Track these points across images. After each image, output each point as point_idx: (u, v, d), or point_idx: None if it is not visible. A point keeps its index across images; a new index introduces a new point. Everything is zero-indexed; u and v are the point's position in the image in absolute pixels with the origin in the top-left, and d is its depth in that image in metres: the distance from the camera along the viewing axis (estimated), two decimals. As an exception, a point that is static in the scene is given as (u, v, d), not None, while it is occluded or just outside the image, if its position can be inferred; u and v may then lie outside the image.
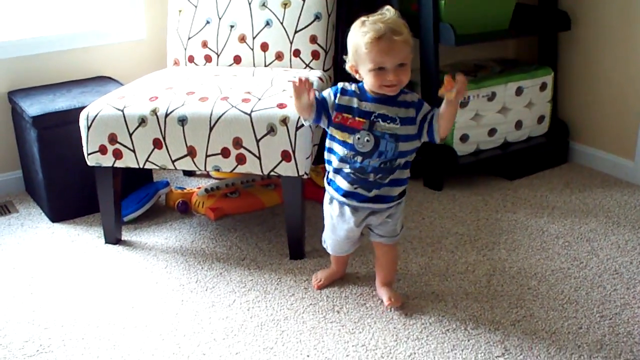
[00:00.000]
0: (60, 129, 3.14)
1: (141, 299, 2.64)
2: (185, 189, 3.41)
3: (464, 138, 3.45)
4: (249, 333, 2.43)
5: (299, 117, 2.62)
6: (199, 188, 3.37)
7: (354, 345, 2.34)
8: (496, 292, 2.61)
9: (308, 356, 2.29)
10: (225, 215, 3.22)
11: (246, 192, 3.29)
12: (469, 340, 2.35)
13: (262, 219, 3.20)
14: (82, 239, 3.10)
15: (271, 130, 2.62)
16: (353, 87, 2.36)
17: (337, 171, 2.42)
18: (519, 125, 3.60)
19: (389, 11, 2.28)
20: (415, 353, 2.29)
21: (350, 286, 2.66)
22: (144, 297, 2.65)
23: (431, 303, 2.56)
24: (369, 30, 2.23)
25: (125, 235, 3.10)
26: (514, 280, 2.68)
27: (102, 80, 3.56)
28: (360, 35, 2.25)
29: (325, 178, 2.51)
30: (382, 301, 2.57)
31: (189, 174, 3.72)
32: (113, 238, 3.03)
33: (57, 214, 3.28)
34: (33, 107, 3.18)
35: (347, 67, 2.34)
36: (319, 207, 3.24)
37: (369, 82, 2.29)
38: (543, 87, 3.61)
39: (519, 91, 3.53)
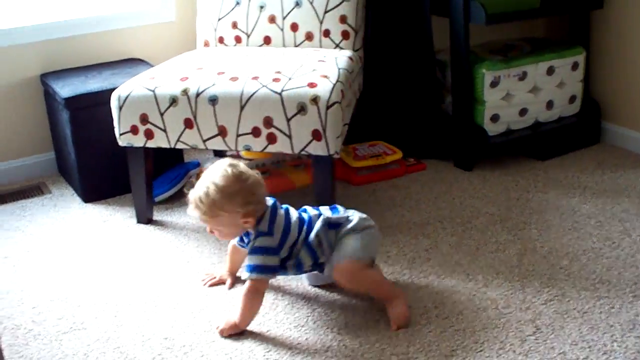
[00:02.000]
0: (92, 110, 3.16)
1: (173, 277, 2.66)
2: (215, 169, 3.42)
3: (495, 118, 3.44)
4: (280, 311, 2.44)
5: (330, 97, 2.62)
6: (230, 168, 3.38)
7: (385, 323, 2.34)
8: (527, 272, 2.60)
9: (339, 333, 2.30)
10: (256, 195, 3.23)
11: (277, 172, 3.30)
12: (500, 319, 2.34)
13: (292, 199, 3.18)
14: (114, 219, 3.13)
15: (302, 109, 2.62)
16: None
17: None
18: (550, 105, 3.57)
19: (216, 175, 2.31)
20: (445, 331, 2.29)
21: (381, 264, 2.65)
22: (176, 275, 2.67)
23: (462, 282, 2.55)
24: None
25: (157, 215, 3.12)
26: (545, 260, 2.67)
27: (132, 62, 3.58)
28: None
29: None
30: (411, 279, 2.58)
31: (219, 154, 3.72)
32: (145, 218, 3.05)
33: (89, 195, 3.31)
34: (65, 89, 3.21)
35: None
36: (349, 187, 3.27)
37: None
38: (575, 66, 3.58)
39: (550, 71, 3.50)
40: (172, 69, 2.90)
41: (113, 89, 2.90)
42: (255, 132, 2.69)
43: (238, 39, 3.31)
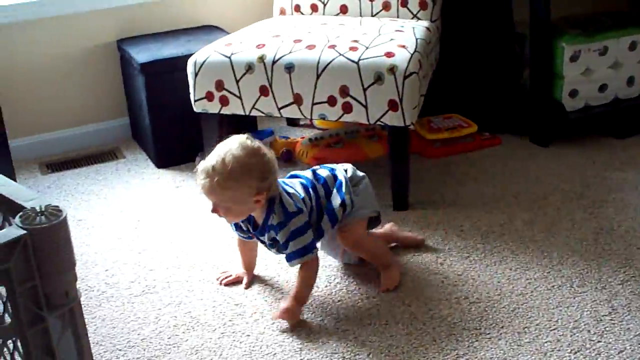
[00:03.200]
0: (168, 76, 3.18)
1: (244, 244, 2.67)
2: (289, 138, 3.42)
3: (573, 93, 3.36)
4: (352, 281, 2.43)
5: (407, 67, 2.59)
6: (303, 138, 3.38)
7: (457, 298, 2.32)
8: (603, 251, 2.55)
9: (410, 306, 2.28)
10: (329, 165, 3.22)
11: (350, 142, 3.28)
12: (574, 298, 2.30)
13: (365, 170, 3.15)
14: (187, 184, 3.15)
15: (378, 79, 2.60)
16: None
17: None
18: (630, 81, 3.48)
19: (233, 146, 2.15)
20: (519, 308, 2.26)
21: (454, 238, 2.64)
22: (247, 243, 2.68)
23: (536, 259, 2.51)
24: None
25: (229, 183, 3.13)
26: (623, 240, 2.61)
27: (208, 29, 3.59)
28: None
29: None
30: (485, 254, 2.55)
31: (292, 123, 3.72)
32: (217, 185, 3.06)
33: (163, 160, 3.34)
34: (141, 55, 3.23)
35: None
36: (422, 160, 3.24)
37: None
38: (658, 42, 3.48)
39: (632, 46, 3.40)
40: (249, 36, 2.89)
41: (189, 55, 2.90)
42: (331, 101, 2.67)
43: (314, 8, 3.29)
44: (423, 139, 3.31)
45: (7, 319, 1.25)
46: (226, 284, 2.45)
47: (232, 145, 2.15)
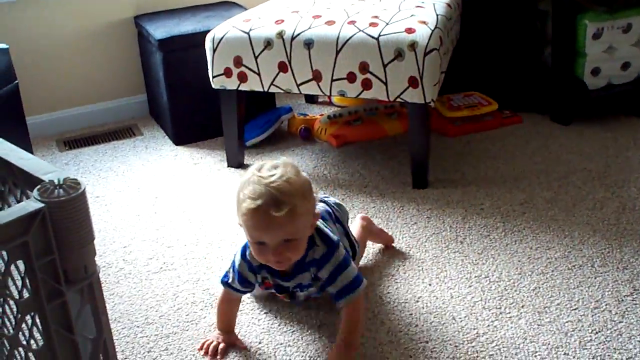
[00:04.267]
0: (186, 52, 3.16)
1: (263, 222, 2.65)
2: (307, 115, 3.40)
3: (596, 71, 3.32)
4: (370, 259, 2.42)
5: (428, 43, 2.56)
6: (322, 115, 3.35)
7: (477, 277, 2.30)
8: (625, 231, 2.52)
9: (430, 285, 2.26)
10: (348, 142, 3.19)
11: (369, 119, 3.25)
12: (595, 278, 2.28)
13: (384, 148, 3.16)
14: (205, 161, 3.13)
15: (399, 55, 2.57)
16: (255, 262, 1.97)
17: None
18: (654, 60, 3.44)
19: (282, 166, 1.83)
20: (539, 287, 2.23)
21: (474, 217, 2.61)
22: (266, 220, 2.66)
23: (557, 238, 2.48)
24: (247, 196, 1.80)
25: (248, 160, 3.11)
26: (645, 219, 2.59)
27: (226, 5, 3.57)
28: (240, 196, 1.84)
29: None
30: (505, 233, 2.52)
31: (311, 100, 3.70)
32: (236, 162, 3.05)
33: (181, 137, 3.32)
34: (159, 31, 3.20)
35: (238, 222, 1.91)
36: (442, 138, 3.21)
37: (253, 253, 1.92)
38: (683, 19, 3.43)
39: (656, 23, 3.36)
40: (267, 12, 2.87)
41: (207, 32, 2.89)
42: (350, 77, 2.65)
43: (333, -16, 3.26)
44: (443, 117, 3.28)
45: (26, 294, 1.24)
46: (212, 354, 2.03)
47: (277, 165, 1.84)
